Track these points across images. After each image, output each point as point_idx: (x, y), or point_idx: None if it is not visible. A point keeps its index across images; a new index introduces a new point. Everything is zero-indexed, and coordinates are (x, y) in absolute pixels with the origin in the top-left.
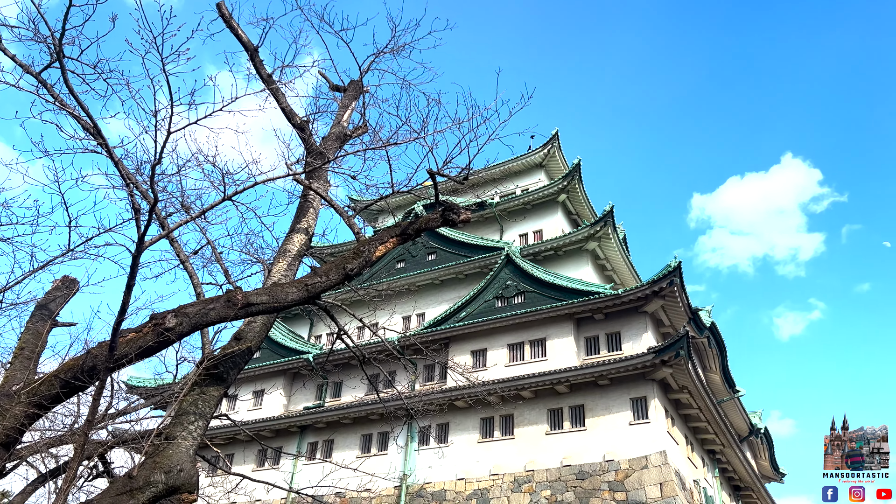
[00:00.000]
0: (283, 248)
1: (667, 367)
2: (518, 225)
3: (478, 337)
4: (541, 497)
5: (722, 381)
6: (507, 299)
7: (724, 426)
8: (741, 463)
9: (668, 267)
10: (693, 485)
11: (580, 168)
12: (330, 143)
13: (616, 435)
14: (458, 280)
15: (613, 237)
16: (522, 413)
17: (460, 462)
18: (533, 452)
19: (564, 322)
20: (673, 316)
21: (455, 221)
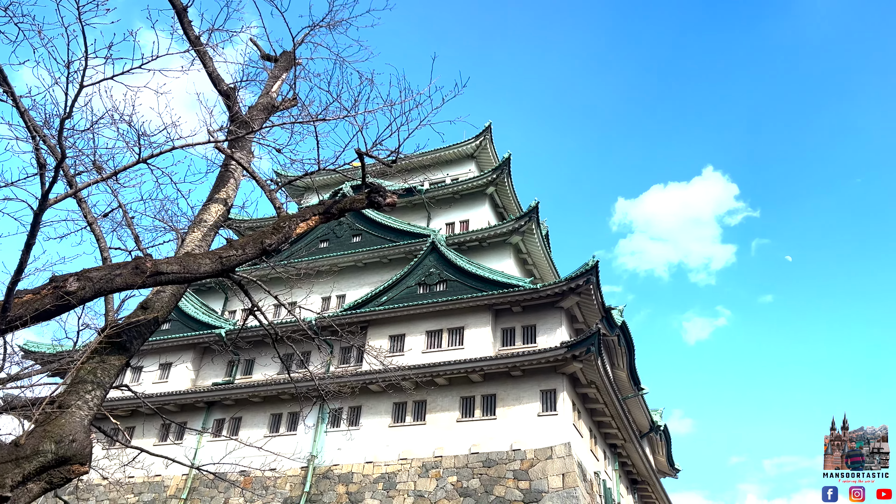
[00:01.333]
0: (199, 218)
1: (577, 361)
2: (445, 213)
3: (397, 322)
4: (447, 483)
5: (628, 379)
6: (429, 286)
7: (627, 422)
8: (640, 458)
9: (586, 265)
10: (594, 477)
11: (510, 162)
12: (256, 114)
13: (524, 425)
14: (381, 264)
15: (537, 233)
16: (435, 400)
17: (370, 445)
18: (443, 439)
19: (483, 312)
20: (587, 313)
21: (381, 204)
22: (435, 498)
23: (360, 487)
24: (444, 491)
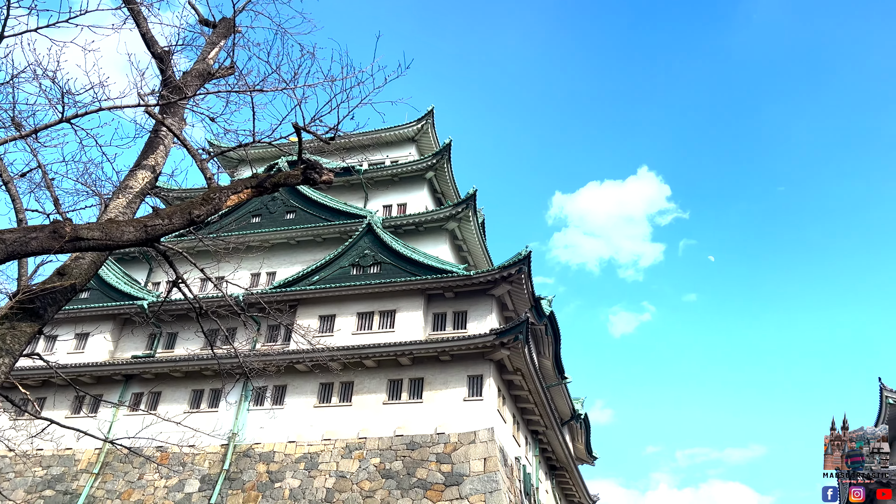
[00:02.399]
0: (125, 184)
1: (505, 348)
2: (383, 196)
3: (328, 302)
4: (370, 464)
5: (553, 367)
6: (362, 268)
7: (550, 409)
8: (560, 444)
9: (519, 255)
10: (514, 462)
11: (450, 148)
12: (191, 80)
13: (450, 409)
14: (315, 243)
15: (473, 220)
16: (363, 381)
17: (294, 425)
18: (368, 421)
19: (416, 297)
20: (517, 301)
21: (317, 181)
22: (357, 479)
23: (282, 467)
24: (366, 472)
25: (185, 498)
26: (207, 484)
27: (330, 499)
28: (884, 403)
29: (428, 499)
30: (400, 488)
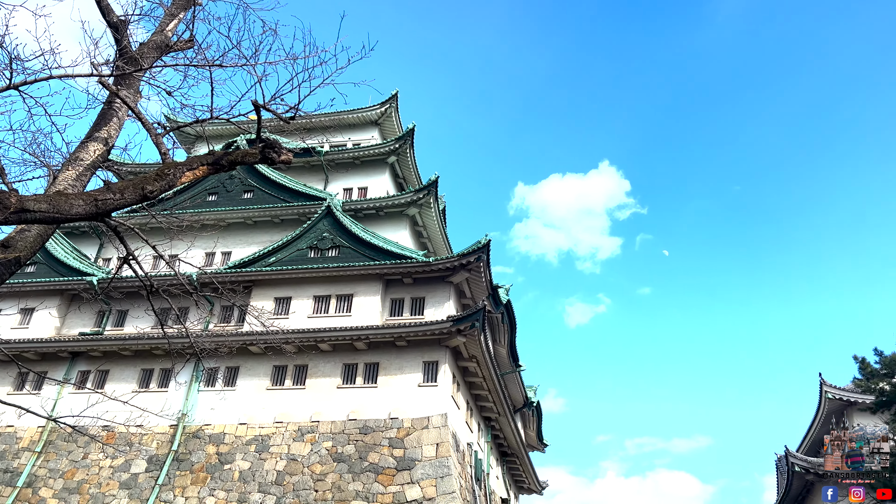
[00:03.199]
0: (75, 156)
1: (462, 336)
2: (344, 178)
3: (284, 284)
4: (322, 447)
5: (508, 355)
6: (320, 251)
7: (503, 397)
8: (512, 431)
9: (479, 243)
10: (466, 448)
11: (414, 133)
12: (148, 51)
13: (404, 395)
14: (272, 224)
15: (434, 207)
16: (317, 365)
17: (245, 407)
18: (321, 404)
19: (374, 281)
20: (475, 289)
21: (275, 160)
22: (308, 462)
23: (232, 448)
24: (318, 455)
25: (132, 478)
26: (155, 465)
27: (280, 481)
28: (823, 398)
29: (379, 483)
30: (351, 472)
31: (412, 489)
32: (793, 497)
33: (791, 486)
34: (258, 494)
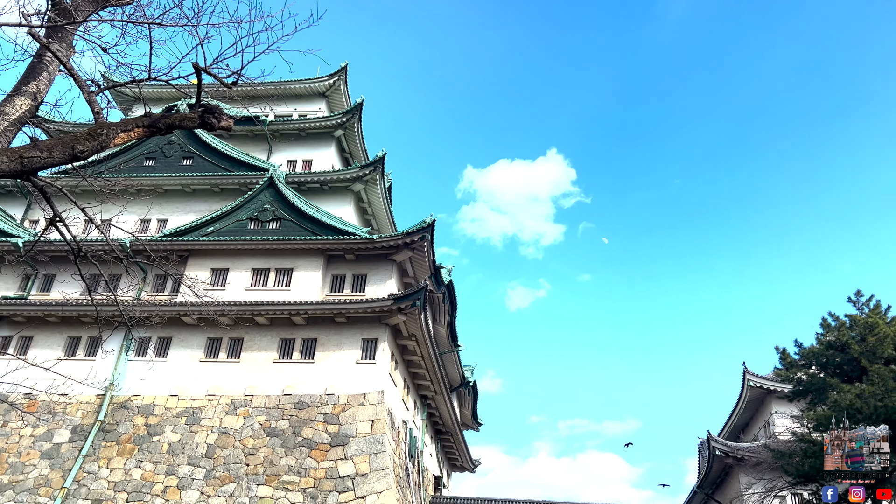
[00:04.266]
0: (0, 110)
1: (402, 314)
2: (288, 150)
3: (222, 255)
4: (255, 421)
5: (447, 335)
6: (261, 223)
7: (441, 376)
8: (448, 410)
9: (423, 223)
10: (402, 425)
11: (362, 108)
12: (83, 4)
13: (342, 371)
14: (212, 192)
15: (380, 184)
16: (254, 338)
17: (177, 378)
18: (256, 378)
19: (315, 256)
20: (418, 268)
21: (215, 126)
22: (240, 436)
23: (161, 420)
24: (250, 430)
25: (54, 448)
26: (79, 435)
27: (211, 454)
28: (745, 385)
29: (312, 458)
30: (284, 447)
31: (345, 465)
32: (712, 479)
33: (711, 469)
34: (187, 467)
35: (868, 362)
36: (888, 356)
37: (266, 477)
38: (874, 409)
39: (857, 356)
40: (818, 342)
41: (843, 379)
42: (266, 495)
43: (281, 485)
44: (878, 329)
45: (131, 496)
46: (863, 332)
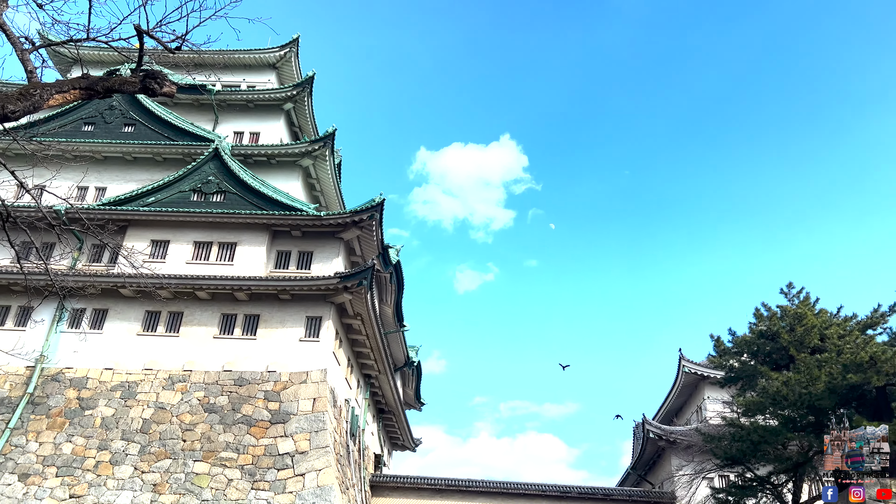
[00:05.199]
0: None
1: (348, 293)
2: (235, 121)
3: (163, 227)
4: (193, 397)
5: (393, 315)
6: (205, 195)
7: (385, 355)
8: (391, 389)
9: (373, 201)
10: (344, 403)
11: (313, 81)
12: None
13: (285, 348)
14: (154, 162)
15: (330, 160)
16: (194, 313)
17: (113, 351)
18: (196, 353)
19: (260, 231)
20: (366, 247)
21: (156, 91)
22: (178, 411)
23: (95, 394)
24: (188, 405)
25: None
26: (7, 407)
27: (146, 430)
28: (680, 371)
29: (251, 435)
30: (223, 423)
31: (285, 442)
32: (645, 461)
33: (645, 451)
34: (121, 442)
35: (796, 351)
36: (814, 346)
37: (203, 453)
38: (799, 397)
39: (786, 345)
40: (750, 331)
41: (772, 367)
42: (203, 472)
43: (218, 461)
44: (806, 320)
45: (61, 471)
46: (792, 322)
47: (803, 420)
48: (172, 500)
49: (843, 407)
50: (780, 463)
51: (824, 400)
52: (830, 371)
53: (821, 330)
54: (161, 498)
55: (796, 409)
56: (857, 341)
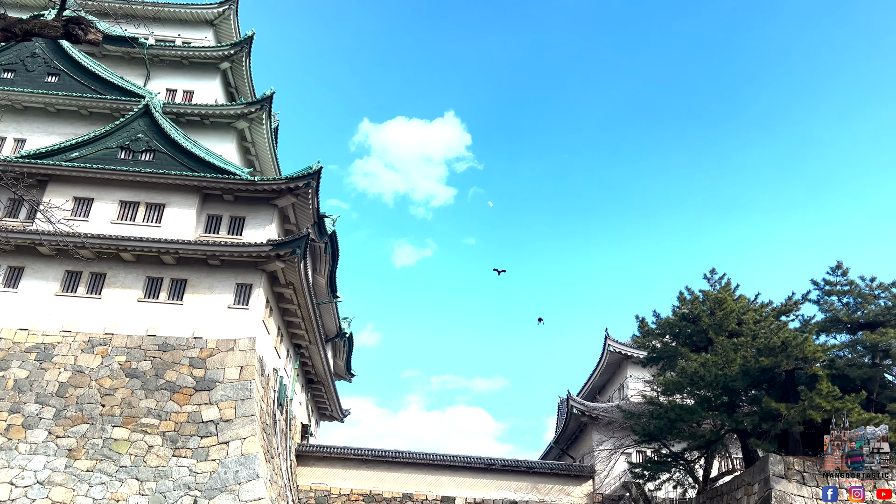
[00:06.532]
0: None
1: (281, 261)
2: (169, 78)
3: (87, 184)
4: (114, 361)
5: (327, 285)
6: (133, 153)
7: (316, 325)
8: (321, 360)
9: (310, 169)
10: (272, 372)
11: (252, 42)
12: None
13: (213, 315)
14: (80, 115)
15: (266, 124)
16: (118, 275)
17: (28, 312)
18: (118, 316)
19: (191, 194)
20: (301, 216)
21: (80, 38)
22: (97, 375)
23: (7, 355)
24: (108, 369)
25: None
26: None
27: (62, 393)
28: (605, 350)
29: (174, 401)
30: (145, 389)
31: (210, 409)
32: (568, 435)
33: (568, 426)
34: (35, 405)
35: (715, 334)
36: (732, 329)
37: (123, 419)
38: (715, 378)
39: (706, 328)
40: (674, 314)
41: (692, 349)
42: (122, 437)
43: (139, 427)
44: (726, 304)
45: None
46: (713, 306)
47: (718, 400)
48: (88, 465)
49: (755, 389)
50: (694, 440)
51: (738, 381)
52: (745, 354)
53: (739, 315)
54: (76, 463)
55: (712, 389)
56: (771, 327)
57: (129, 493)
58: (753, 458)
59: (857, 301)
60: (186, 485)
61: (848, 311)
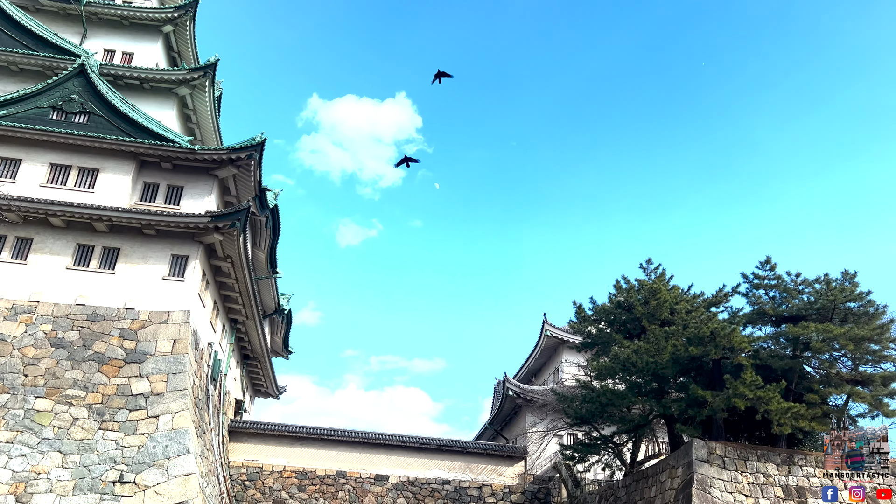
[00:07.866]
0: None
1: (219, 233)
2: (107, 38)
3: (14, 143)
4: (39, 330)
5: (266, 261)
6: (66, 114)
7: (254, 301)
8: (258, 336)
9: (253, 140)
10: (206, 347)
11: (197, 6)
12: None
13: (146, 286)
14: (9, 72)
15: (209, 92)
16: (45, 241)
17: None
18: (45, 284)
19: (127, 160)
20: (241, 188)
21: None
22: (20, 344)
23: None
24: (32, 338)
25: None
26: None
27: None
28: (543, 334)
29: (102, 373)
30: (72, 359)
31: (140, 383)
32: (503, 417)
33: (503, 408)
34: None
35: (648, 323)
36: (664, 318)
37: (47, 389)
38: (646, 364)
39: (640, 316)
40: (610, 301)
41: (626, 336)
42: (45, 408)
43: (63, 398)
44: (660, 294)
45: None
46: (647, 295)
47: (648, 386)
48: (8, 436)
49: (683, 376)
50: (624, 424)
51: (668, 369)
52: (676, 343)
53: (671, 305)
54: None
55: (643, 375)
56: (701, 317)
57: (52, 465)
58: (679, 442)
59: (782, 295)
60: (113, 458)
61: (773, 305)
